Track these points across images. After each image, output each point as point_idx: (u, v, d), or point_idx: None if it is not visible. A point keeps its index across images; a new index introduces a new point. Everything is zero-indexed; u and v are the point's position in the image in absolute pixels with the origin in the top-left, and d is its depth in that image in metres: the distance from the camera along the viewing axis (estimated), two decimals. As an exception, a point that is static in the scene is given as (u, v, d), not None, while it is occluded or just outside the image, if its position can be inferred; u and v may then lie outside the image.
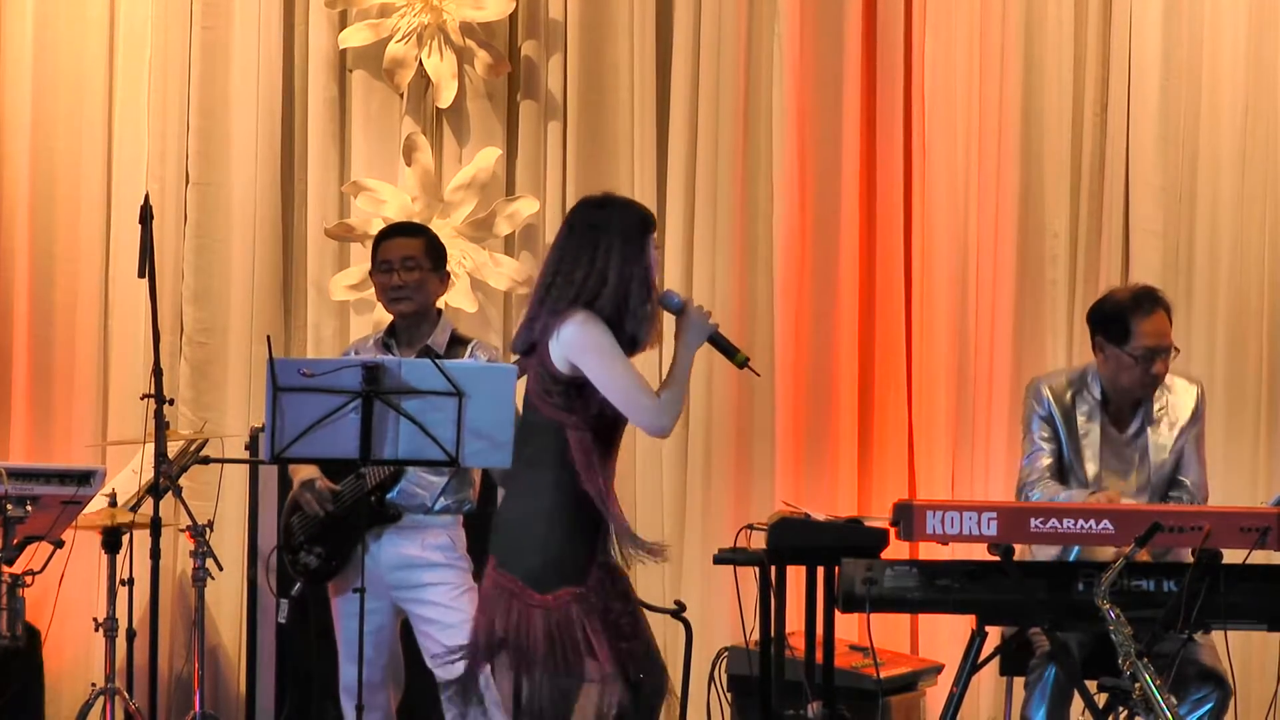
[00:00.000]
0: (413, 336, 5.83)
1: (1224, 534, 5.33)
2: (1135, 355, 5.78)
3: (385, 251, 5.89)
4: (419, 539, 5.71)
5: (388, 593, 5.70)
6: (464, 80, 7.66)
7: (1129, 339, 5.77)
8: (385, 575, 5.69)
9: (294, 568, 5.84)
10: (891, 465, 7.58)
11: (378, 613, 5.65)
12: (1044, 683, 5.67)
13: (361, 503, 5.64)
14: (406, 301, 5.82)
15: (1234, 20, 7.45)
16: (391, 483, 5.67)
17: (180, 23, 7.69)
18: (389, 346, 5.81)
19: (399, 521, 5.71)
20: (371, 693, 5.66)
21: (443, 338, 5.81)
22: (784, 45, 7.62)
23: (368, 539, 5.62)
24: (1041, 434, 5.88)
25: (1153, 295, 5.85)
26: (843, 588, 5.47)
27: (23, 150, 7.65)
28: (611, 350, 4.79)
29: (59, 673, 7.41)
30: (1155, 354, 5.78)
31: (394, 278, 5.82)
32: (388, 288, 5.86)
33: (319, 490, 5.74)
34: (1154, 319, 5.78)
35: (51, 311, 7.66)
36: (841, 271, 7.62)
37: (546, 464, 4.81)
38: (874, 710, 6.25)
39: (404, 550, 5.71)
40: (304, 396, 5.12)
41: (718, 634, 7.17)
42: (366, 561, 5.58)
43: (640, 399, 4.79)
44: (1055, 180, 7.53)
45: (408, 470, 5.66)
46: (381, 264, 5.89)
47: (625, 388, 4.78)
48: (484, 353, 5.83)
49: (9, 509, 6.14)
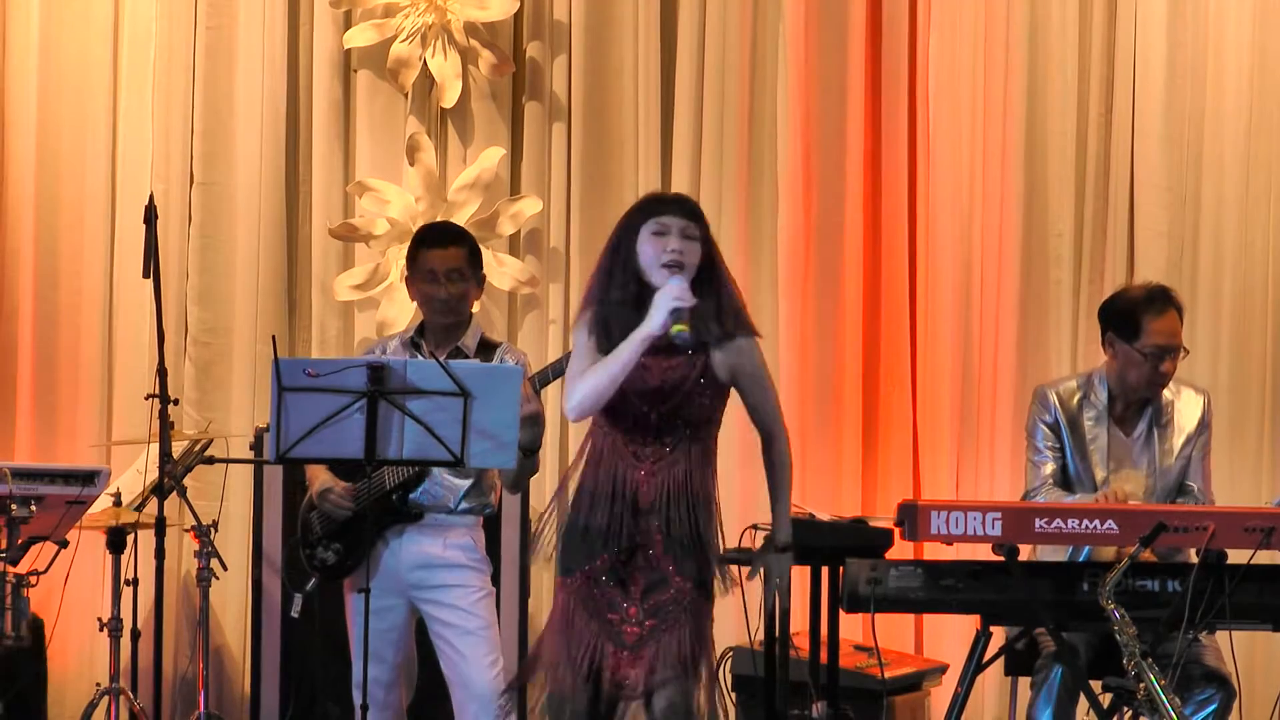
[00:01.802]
0: (443, 339, 5.75)
1: (1228, 534, 5.33)
2: (1145, 352, 5.78)
3: (429, 261, 5.70)
4: (441, 538, 5.68)
5: (406, 592, 5.67)
6: (468, 80, 7.66)
7: (1139, 336, 5.78)
8: (405, 574, 5.65)
9: (310, 563, 5.81)
10: (896, 465, 7.58)
11: (393, 611, 5.63)
12: (1049, 683, 5.67)
13: (381, 500, 5.63)
14: (452, 314, 5.72)
15: (1238, 21, 7.45)
16: (415, 482, 5.64)
17: (185, 23, 7.69)
18: (418, 346, 5.76)
19: (421, 520, 5.68)
20: (385, 690, 5.64)
21: (473, 341, 5.76)
22: (788, 46, 7.62)
23: (388, 536, 5.62)
24: (1046, 441, 5.88)
25: (1166, 294, 5.87)
26: (847, 588, 5.47)
27: (28, 150, 7.66)
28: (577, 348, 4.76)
29: (64, 673, 7.41)
30: (1165, 352, 5.79)
31: (440, 290, 5.67)
32: (432, 299, 5.72)
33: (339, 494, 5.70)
34: (1166, 318, 5.80)
35: (56, 311, 7.67)
36: (846, 272, 7.62)
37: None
38: (878, 710, 6.25)
39: (425, 549, 5.68)
40: (309, 396, 5.12)
41: (722, 634, 7.13)
42: (387, 559, 5.58)
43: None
44: (1060, 181, 7.54)
45: (432, 470, 5.64)
46: (426, 273, 5.74)
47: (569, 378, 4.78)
48: (512, 357, 5.72)
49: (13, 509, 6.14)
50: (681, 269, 4.70)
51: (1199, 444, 5.91)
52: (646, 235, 4.75)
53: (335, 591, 5.86)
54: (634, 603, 4.67)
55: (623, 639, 4.65)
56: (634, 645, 4.64)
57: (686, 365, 4.72)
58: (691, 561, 4.68)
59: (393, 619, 5.65)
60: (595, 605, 4.70)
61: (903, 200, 7.62)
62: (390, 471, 5.60)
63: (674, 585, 4.66)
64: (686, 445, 4.72)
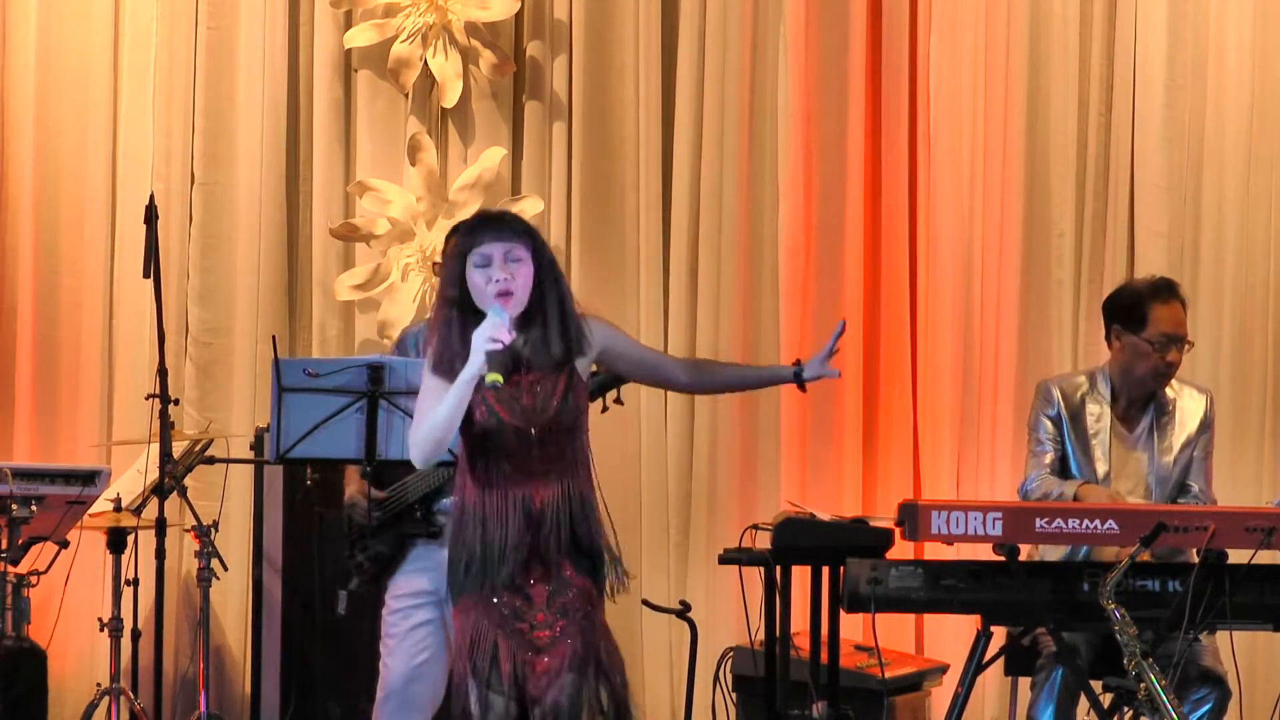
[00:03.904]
0: None
1: (1229, 534, 5.33)
2: (1152, 342, 5.77)
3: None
4: None
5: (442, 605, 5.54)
6: (469, 80, 7.66)
7: (1146, 325, 5.78)
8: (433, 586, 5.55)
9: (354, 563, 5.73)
10: (896, 465, 7.58)
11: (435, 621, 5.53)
12: (1050, 683, 5.67)
13: (405, 513, 5.57)
14: None
15: (1239, 20, 7.45)
16: (436, 495, 5.55)
17: (185, 23, 7.69)
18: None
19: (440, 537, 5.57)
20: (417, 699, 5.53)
21: None
22: (789, 46, 7.62)
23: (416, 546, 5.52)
24: (1046, 433, 5.88)
25: (1170, 285, 5.87)
26: (848, 588, 5.46)
27: (28, 150, 7.66)
28: (424, 388, 4.63)
29: (64, 673, 7.41)
30: (1171, 341, 5.78)
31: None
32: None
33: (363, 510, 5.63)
34: (1171, 307, 5.80)
35: (56, 312, 7.66)
36: (846, 271, 7.62)
37: None
38: (879, 710, 6.25)
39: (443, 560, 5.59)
40: (309, 397, 5.13)
41: (723, 634, 7.17)
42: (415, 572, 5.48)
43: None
44: (1060, 180, 7.53)
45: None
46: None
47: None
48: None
49: (14, 509, 6.15)
50: (510, 295, 4.57)
51: (1201, 444, 5.91)
52: (471, 267, 4.61)
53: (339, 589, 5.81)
54: (540, 609, 4.60)
55: (536, 644, 4.59)
56: (548, 646, 4.60)
57: (553, 378, 4.63)
58: (586, 560, 4.65)
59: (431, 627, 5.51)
60: (505, 621, 4.60)
61: (903, 200, 7.62)
62: (415, 483, 5.55)
63: (574, 585, 4.62)
64: (567, 453, 4.65)
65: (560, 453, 4.64)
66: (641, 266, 7.63)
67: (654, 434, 7.57)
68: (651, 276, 7.64)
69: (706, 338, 7.61)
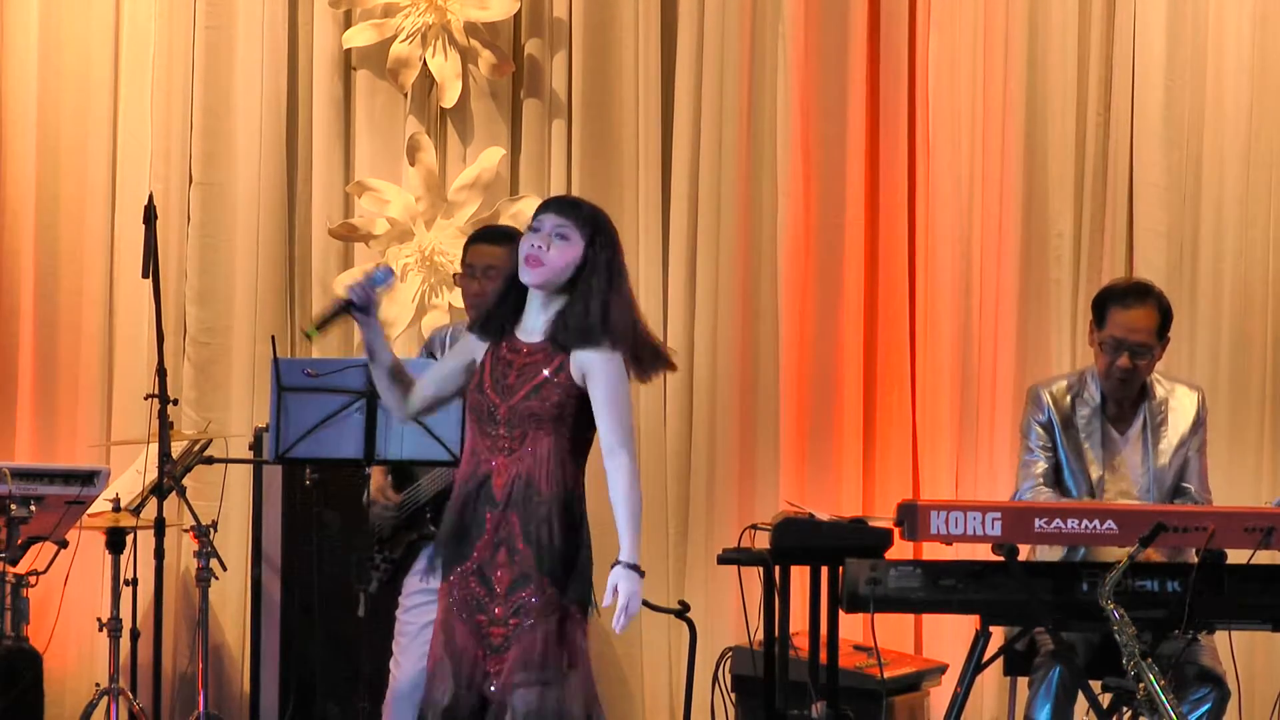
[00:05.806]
0: None
1: (1228, 534, 5.33)
2: (1103, 343, 5.74)
3: (471, 256, 5.71)
4: None
5: None
6: (468, 80, 7.66)
7: (1103, 325, 5.74)
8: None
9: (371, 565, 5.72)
10: (895, 465, 7.58)
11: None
12: (1048, 683, 5.66)
13: (414, 516, 5.57)
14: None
15: (1237, 20, 7.45)
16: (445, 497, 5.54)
17: (184, 22, 7.69)
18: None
19: None
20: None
21: None
22: (788, 45, 7.62)
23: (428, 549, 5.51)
24: (1038, 440, 5.85)
25: (1142, 290, 5.78)
26: (847, 588, 5.47)
27: (27, 150, 7.65)
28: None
29: (63, 673, 7.40)
30: (1121, 346, 5.71)
31: (474, 284, 5.66)
32: (469, 294, 5.73)
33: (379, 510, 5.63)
34: (1130, 312, 5.70)
35: (56, 311, 7.66)
36: (846, 271, 7.62)
37: None
38: (878, 710, 6.25)
39: None
40: (308, 396, 5.13)
41: (722, 634, 7.17)
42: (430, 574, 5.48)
43: None
44: (1059, 180, 7.54)
45: None
46: (466, 268, 5.75)
47: None
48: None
49: (13, 509, 6.15)
50: (540, 266, 4.58)
51: (1194, 443, 5.87)
52: (527, 231, 4.65)
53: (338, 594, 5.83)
54: (499, 602, 4.53)
55: (490, 641, 4.55)
56: (500, 648, 4.53)
57: (545, 360, 4.60)
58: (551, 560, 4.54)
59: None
60: (467, 608, 4.56)
61: (903, 200, 7.62)
62: (427, 485, 5.54)
63: (535, 581, 4.52)
64: (535, 440, 4.57)
65: (523, 437, 4.56)
66: (641, 266, 7.63)
67: (653, 434, 7.57)
68: (651, 276, 7.63)
69: (705, 337, 7.61)
